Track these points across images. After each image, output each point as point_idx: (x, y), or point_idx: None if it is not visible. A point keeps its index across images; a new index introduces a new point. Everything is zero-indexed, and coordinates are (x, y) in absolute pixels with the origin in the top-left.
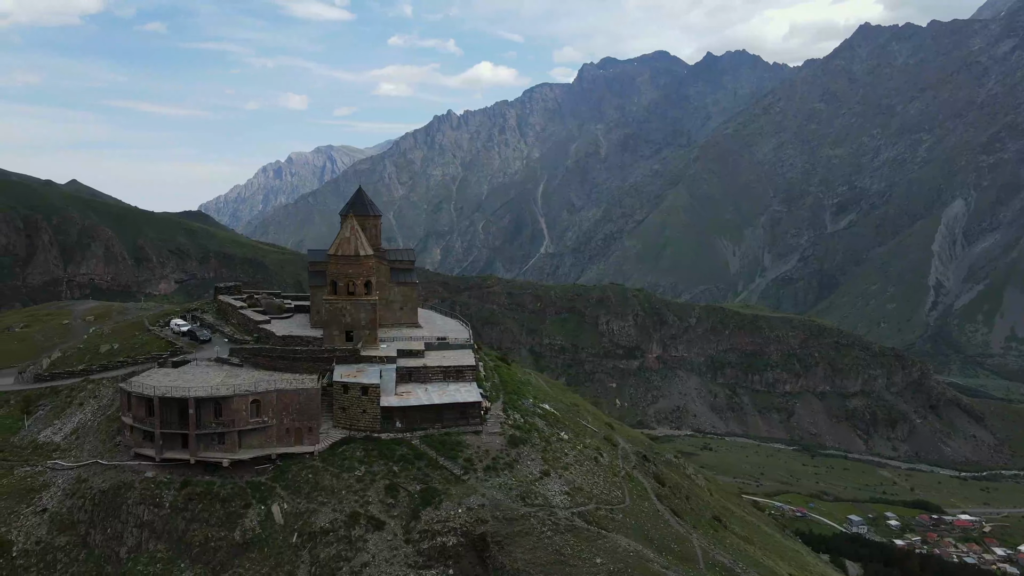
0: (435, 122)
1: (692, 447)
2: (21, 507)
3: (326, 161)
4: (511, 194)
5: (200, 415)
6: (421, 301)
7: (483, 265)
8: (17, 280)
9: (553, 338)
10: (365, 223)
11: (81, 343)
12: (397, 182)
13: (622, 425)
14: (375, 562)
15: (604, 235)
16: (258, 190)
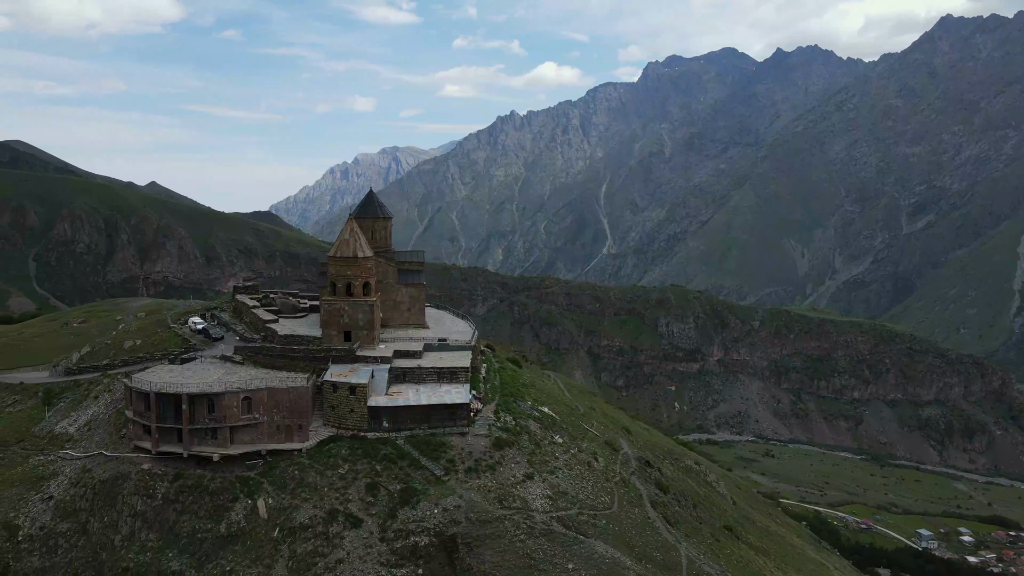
0: (498, 123)
1: (753, 453)
2: (31, 494)
3: (391, 162)
4: (573, 194)
5: (194, 411)
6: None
7: (544, 266)
8: (98, 277)
9: (611, 340)
10: (375, 225)
11: (109, 339)
12: (460, 182)
13: (651, 430)
14: (349, 559)
15: (667, 236)
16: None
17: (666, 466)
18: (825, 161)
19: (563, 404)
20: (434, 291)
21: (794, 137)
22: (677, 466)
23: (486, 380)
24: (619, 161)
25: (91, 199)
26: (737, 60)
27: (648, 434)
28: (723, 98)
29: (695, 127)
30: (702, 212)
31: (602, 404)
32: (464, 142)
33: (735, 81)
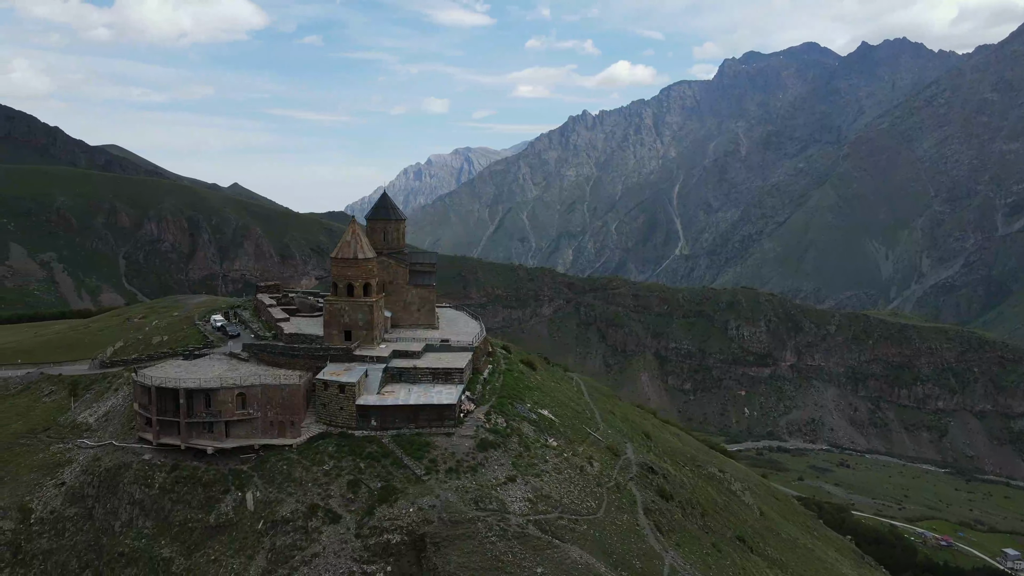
0: (570, 123)
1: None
2: (46, 479)
3: (463, 163)
4: (645, 194)
5: (192, 405)
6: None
7: (615, 266)
8: (181, 274)
9: (680, 342)
10: (387, 227)
11: (140, 335)
12: (531, 183)
13: (684, 436)
14: (324, 554)
15: (742, 237)
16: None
17: (685, 473)
18: (912, 159)
19: (569, 407)
20: (500, 291)
21: (879, 134)
22: (698, 473)
23: (486, 382)
24: (693, 161)
25: (176, 200)
26: (819, 55)
27: (677, 440)
28: (803, 95)
29: (773, 125)
30: (779, 212)
31: (627, 408)
32: (535, 142)
33: (816, 77)
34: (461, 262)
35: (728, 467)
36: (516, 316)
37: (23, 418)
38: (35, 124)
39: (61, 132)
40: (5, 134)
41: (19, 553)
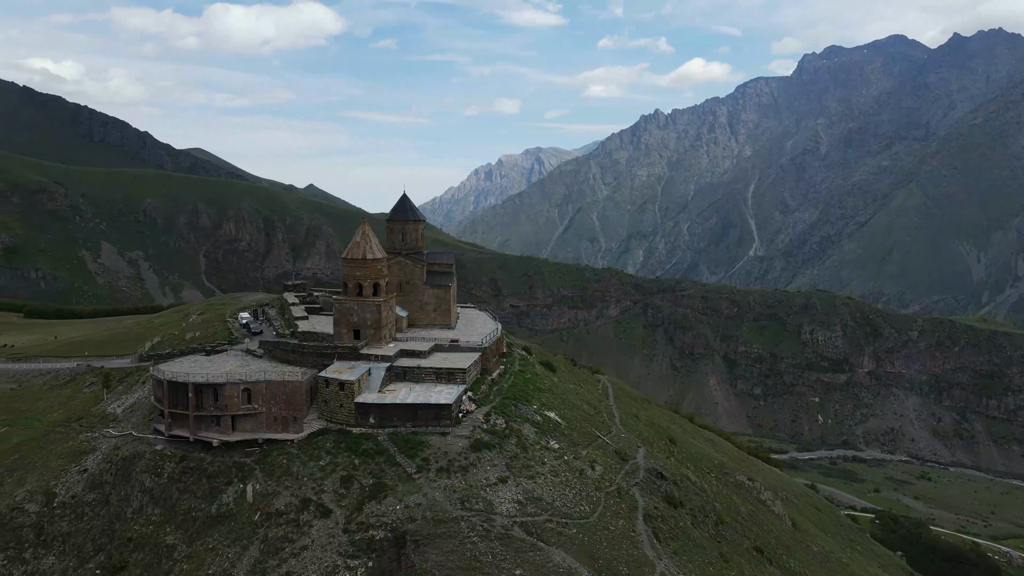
0: (641, 122)
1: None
2: (71, 466)
3: (534, 163)
4: (719, 194)
5: (200, 399)
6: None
7: (686, 268)
8: (256, 272)
9: (749, 346)
10: (405, 227)
11: (176, 330)
12: (601, 182)
13: (720, 442)
14: (313, 546)
15: (820, 238)
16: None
17: (708, 480)
18: (1008, 156)
19: (581, 410)
20: (566, 291)
21: (971, 130)
22: (724, 481)
23: (494, 382)
24: (769, 159)
25: (254, 201)
26: (906, 48)
27: (710, 446)
28: (888, 90)
29: (855, 122)
30: (860, 213)
31: (657, 413)
32: (606, 142)
33: (903, 71)
34: (527, 262)
35: (766, 476)
36: (582, 317)
37: (63, 408)
38: (127, 130)
39: (150, 137)
40: (100, 139)
41: (42, 535)
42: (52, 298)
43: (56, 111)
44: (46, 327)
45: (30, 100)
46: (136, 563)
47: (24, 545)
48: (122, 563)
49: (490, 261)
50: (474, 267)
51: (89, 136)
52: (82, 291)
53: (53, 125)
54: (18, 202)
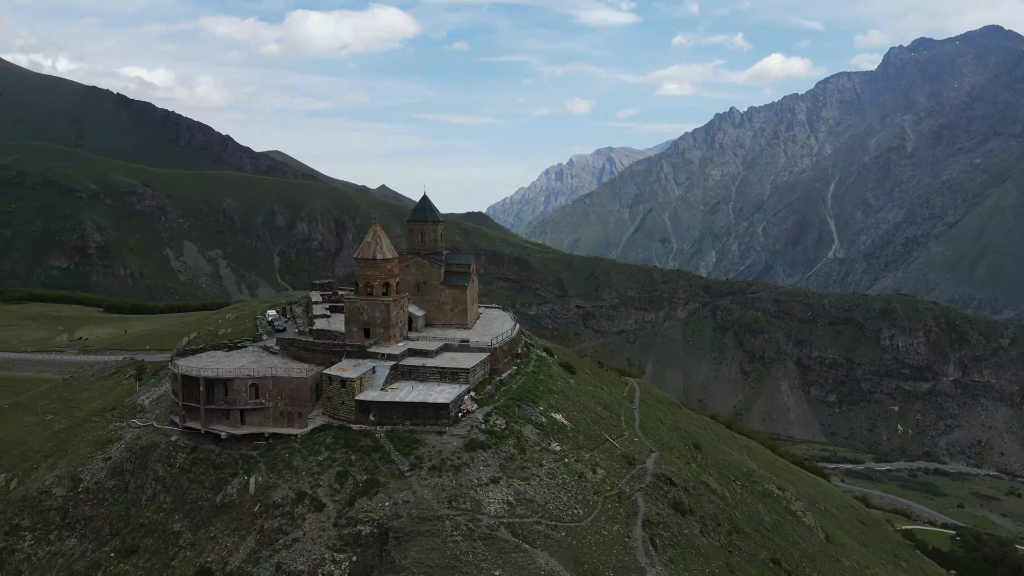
0: (716, 120)
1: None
2: (97, 454)
3: (605, 163)
4: (796, 194)
5: (212, 393)
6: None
7: (761, 269)
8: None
9: (824, 351)
10: (424, 228)
11: (212, 327)
12: (673, 182)
13: (751, 451)
14: (304, 539)
15: (905, 239)
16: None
17: (732, 488)
18: None
19: (593, 413)
20: (633, 293)
21: None
22: (750, 490)
23: (502, 383)
24: (851, 158)
25: (326, 201)
26: (1003, 39)
27: (744, 454)
28: (983, 83)
29: (945, 117)
30: (949, 213)
31: (688, 418)
32: (679, 141)
33: (999, 63)
34: (594, 263)
35: (803, 486)
36: (649, 318)
37: (102, 398)
38: (210, 133)
39: (231, 140)
40: (186, 143)
41: (66, 517)
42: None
43: (146, 117)
44: (121, 322)
45: (124, 107)
46: (146, 548)
47: (50, 527)
48: (134, 547)
49: (556, 262)
50: (540, 267)
51: (176, 140)
52: (165, 288)
53: (144, 130)
54: (111, 203)
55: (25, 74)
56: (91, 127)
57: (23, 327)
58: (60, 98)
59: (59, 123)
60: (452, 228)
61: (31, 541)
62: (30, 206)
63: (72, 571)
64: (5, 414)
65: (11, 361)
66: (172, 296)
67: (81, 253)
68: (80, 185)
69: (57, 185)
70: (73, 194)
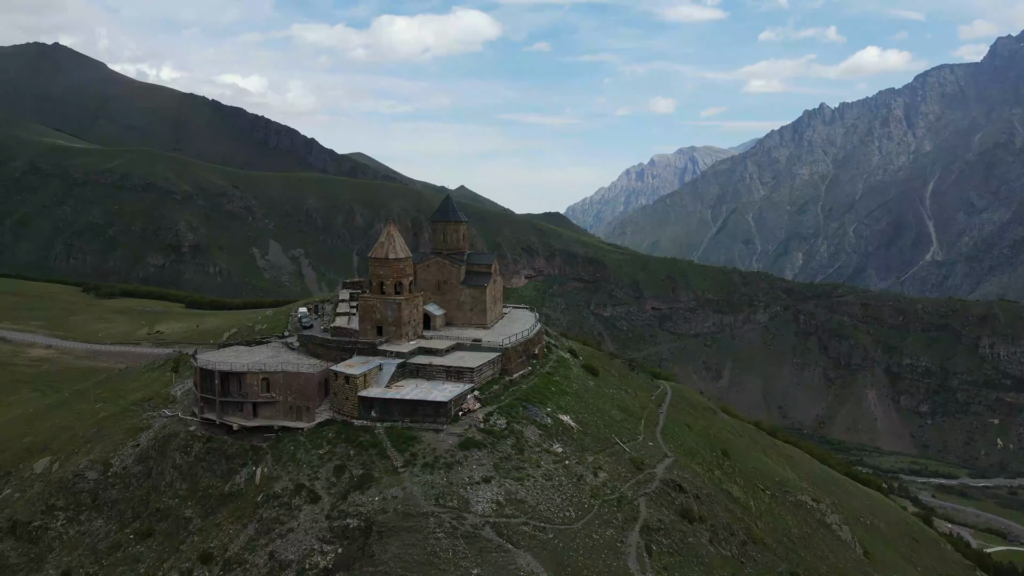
0: (804, 117)
1: None
2: (128, 441)
3: (687, 162)
4: (891, 193)
5: (227, 386)
6: None
7: (852, 272)
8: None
9: (916, 359)
10: (447, 228)
11: (250, 322)
12: (758, 182)
13: (792, 461)
14: (298, 529)
15: (1012, 241)
16: (620, 192)
17: (759, 498)
18: None
19: (606, 416)
20: (711, 295)
21: None
22: (780, 500)
23: (512, 383)
24: (952, 155)
25: (404, 202)
26: None
27: (782, 465)
28: None
29: None
30: None
31: (720, 422)
32: (765, 139)
33: None
34: (671, 264)
35: (848, 499)
36: (727, 322)
37: (145, 389)
38: (296, 137)
39: (316, 143)
40: (274, 146)
41: (96, 500)
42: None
43: (238, 121)
44: (198, 317)
45: (218, 112)
46: (160, 532)
47: (81, 508)
48: (150, 530)
49: (632, 263)
50: (615, 268)
51: (265, 143)
52: (251, 285)
53: (235, 134)
54: (203, 204)
55: (132, 83)
56: (188, 132)
57: (112, 320)
58: (161, 105)
59: (160, 129)
60: (528, 228)
61: (63, 520)
62: (132, 207)
63: (96, 550)
64: (65, 401)
65: (94, 352)
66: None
67: (175, 251)
68: (176, 187)
69: (156, 188)
70: (170, 196)
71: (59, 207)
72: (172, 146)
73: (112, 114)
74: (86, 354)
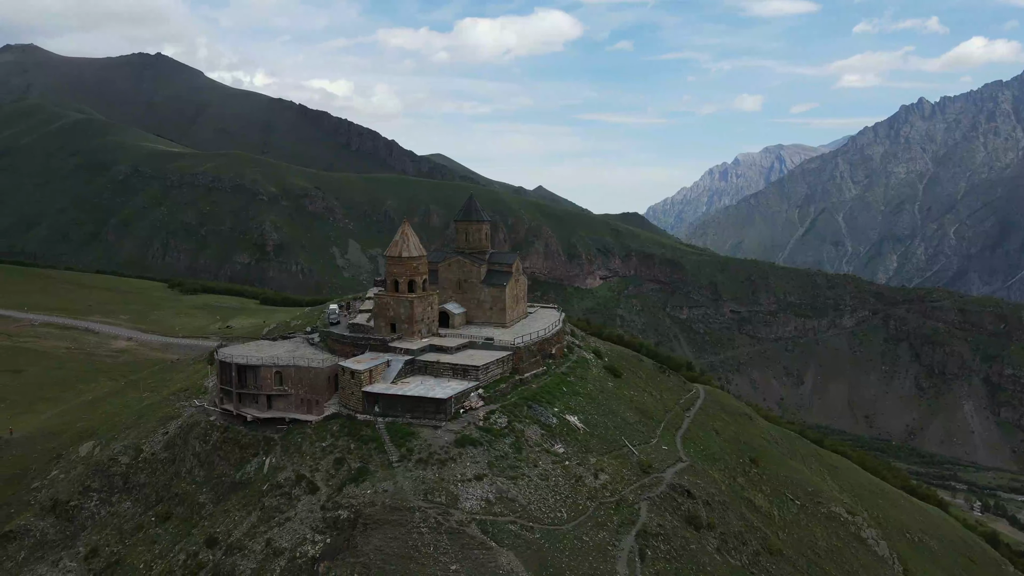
0: (901, 112)
1: None
2: (159, 428)
3: (774, 161)
4: (998, 192)
5: (243, 378)
6: None
7: (952, 276)
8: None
9: (1019, 368)
10: (469, 228)
11: (289, 318)
12: (850, 181)
13: (836, 472)
14: (295, 518)
15: None
16: (702, 192)
17: (787, 509)
18: None
19: (618, 418)
20: (794, 298)
21: None
22: (812, 512)
23: (522, 382)
24: None
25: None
26: None
27: (824, 473)
28: None
29: None
30: None
31: (756, 429)
32: (858, 137)
33: None
34: (751, 266)
35: (896, 514)
36: (810, 326)
37: (185, 380)
38: (377, 139)
39: (396, 145)
40: (356, 148)
41: (127, 483)
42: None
43: (323, 124)
44: (269, 313)
45: (304, 116)
46: (177, 516)
47: (113, 490)
48: (169, 514)
49: (710, 264)
50: (693, 270)
51: (347, 145)
52: (331, 284)
53: (319, 137)
54: (287, 204)
55: (226, 90)
56: (276, 135)
57: (190, 315)
58: (252, 110)
59: (250, 132)
60: (604, 228)
61: (97, 501)
62: (222, 208)
63: (122, 530)
64: (120, 390)
65: (167, 344)
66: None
67: (261, 250)
68: (263, 188)
69: (244, 189)
70: (256, 197)
71: (157, 208)
72: (260, 149)
73: (207, 119)
74: (160, 346)
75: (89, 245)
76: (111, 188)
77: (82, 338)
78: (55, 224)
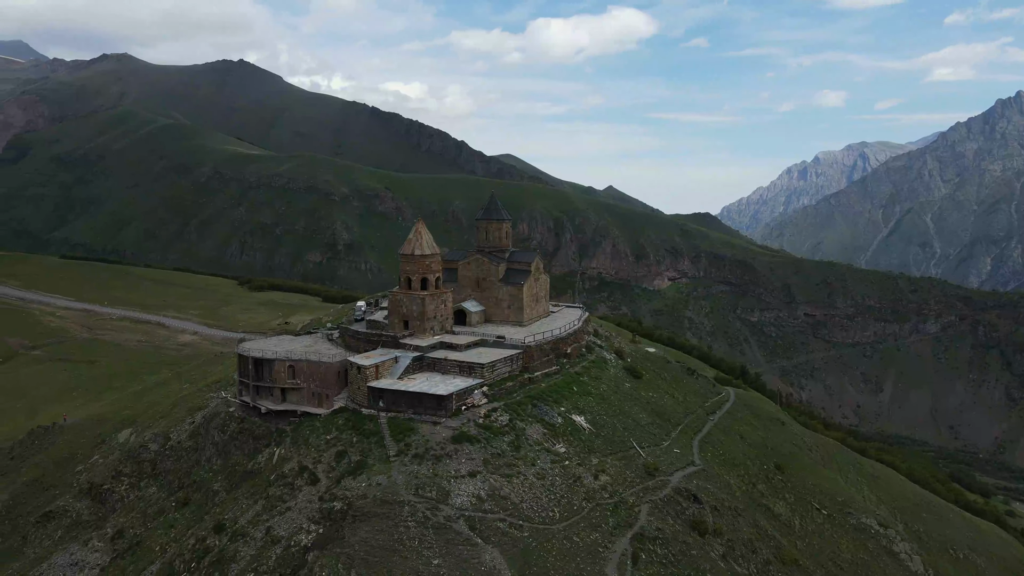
0: (998, 107)
1: None
2: (187, 418)
3: (857, 159)
4: None
5: (260, 372)
6: None
7: None
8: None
9: None
10: (489, 226)
11: (323, 315)
12: (940, 179)
13: (875, 481)
14: (295, 508)
15: None
16: (780, 191)
17: (810, 518)
18: None
19: (631, 419)
20: (873, 302)
21: None
22: (839, 522)
23: (531, 380)
24: None
25: (547, 203)
26: None
27: (862, 482)
28: None
29: None
30: None
31: (788, 434)
32: (949, 133)
33: None
34: (827, 268)
35: (940, 528)
36: (891, 331)
37: (221, 373)
38: (447, 140)
39: (466, 145)
40: (426, 149)
41: (155, 469)
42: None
43: (394, 126)
44: (326, 310)
45: (376, 118)
46: (194, 501)
47: (142, 475)
48: (187, 500)
49: (784, 266)
50: (765, 272)
51: (418, 146)
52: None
53: (391, 138)
54: (357, 205)
55: (303, 94)
56: (349, 137)
57: (254, 311)
58: (326, 113)
59: (324, 135)
60: (673, 228)
61: (127, 485)
62: (296, 208)
63: (145, 514)
64: (166, 382)
65: (228, 339)
66: None
67: (332, 249)
68: (335, 189)
69: (317, 190)
70: (329, 197)
71: (235, 209)
72: (334, 151)
73: (284, 122)
74: (222, 341)
75: (173, 244)
76: (194, 189)
77: (153, 332)
78: (144, 224)
